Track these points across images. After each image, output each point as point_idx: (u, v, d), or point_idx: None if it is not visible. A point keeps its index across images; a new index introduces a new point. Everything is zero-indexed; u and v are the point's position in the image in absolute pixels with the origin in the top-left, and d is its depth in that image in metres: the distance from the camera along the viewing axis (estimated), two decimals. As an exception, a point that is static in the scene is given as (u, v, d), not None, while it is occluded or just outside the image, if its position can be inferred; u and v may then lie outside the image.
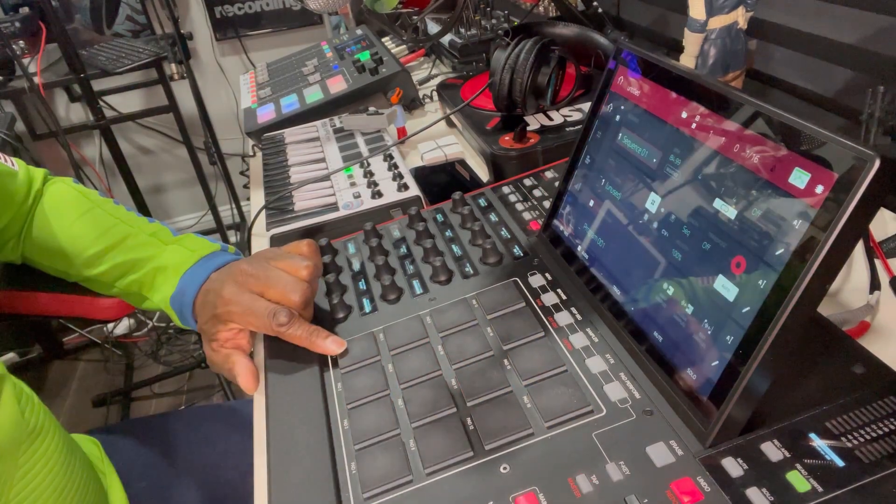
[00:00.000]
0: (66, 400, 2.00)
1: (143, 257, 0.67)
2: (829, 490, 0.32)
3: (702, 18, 0.69)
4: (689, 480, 0.35)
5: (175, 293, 0.63)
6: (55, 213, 0.72)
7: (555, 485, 0.37)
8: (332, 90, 1.05)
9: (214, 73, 2.50)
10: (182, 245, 0.67)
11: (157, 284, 0.66)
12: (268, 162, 0.91)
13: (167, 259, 0.65)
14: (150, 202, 2.26)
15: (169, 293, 0.63)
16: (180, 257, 0.64)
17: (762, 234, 0.35)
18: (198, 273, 0.62)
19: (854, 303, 0.52)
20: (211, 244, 0.66)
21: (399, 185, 0.76)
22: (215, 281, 0.58)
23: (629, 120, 0.49)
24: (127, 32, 2.32)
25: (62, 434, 0.56)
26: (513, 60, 0.79)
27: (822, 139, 0.33)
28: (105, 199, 0.74)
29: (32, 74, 1.68)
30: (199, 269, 0.62)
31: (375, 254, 0.60)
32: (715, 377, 0.36)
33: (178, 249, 0.66)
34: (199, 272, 0.62)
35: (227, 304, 0.53)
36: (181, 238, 0.69)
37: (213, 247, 0.66)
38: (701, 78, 0.42)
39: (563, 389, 0.42)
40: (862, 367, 0.39)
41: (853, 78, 0.67)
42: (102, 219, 0.70)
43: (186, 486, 0.69)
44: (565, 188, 0.55)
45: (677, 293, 0.41)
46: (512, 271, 0.55)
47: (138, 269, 0.67)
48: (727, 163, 0.38)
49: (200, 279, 0.61)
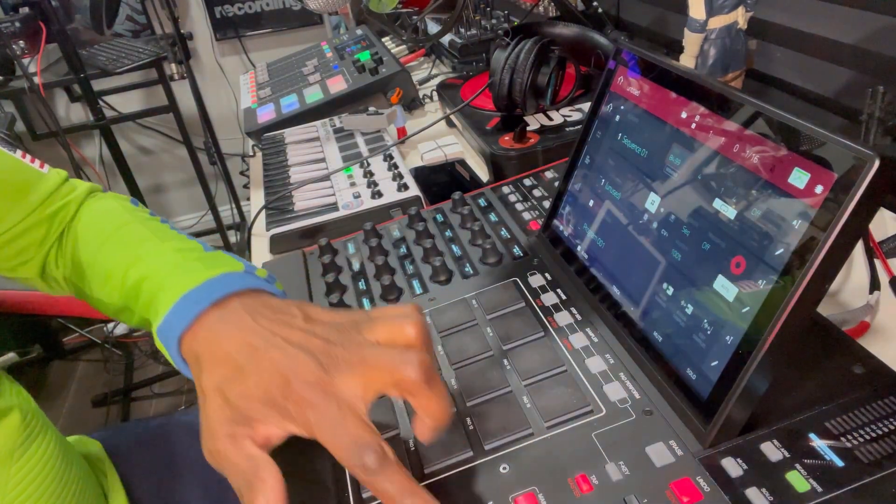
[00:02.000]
0: (66, 400, 2.00)
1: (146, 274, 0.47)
2: (829, 490, 0.32)
3: (702, 18, 0.69)
4: (689, 480, 0.35)
5: (163, 324, 0.41)
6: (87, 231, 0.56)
7: (554, 485, 0.37)
8: (332, 90, 1.05)
9: (214, 73, 2.50)
10: (187, 254, 0.47)
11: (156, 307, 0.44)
12: (268, 162, 0.91)
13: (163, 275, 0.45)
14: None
15: (157, 320, 0.42)
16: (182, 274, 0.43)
17: (762, 235, 0.35)
18: (204, 297, 0.40)
19: (854, 303, 0.52)
20: (231, 260, 0.46)
21: (399, 185, 0.76)
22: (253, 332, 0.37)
23: (629, 120, 0.49)
24: (127, 32, 2.33)
25: (57, 438, 0.56)
26: (513, 60, 0.79)
27: (821, 139, 0.33)
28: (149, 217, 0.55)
29: (32, 74, 1.68)
30: (206, 291, 0.41)
31: (375, 254, 0.60)
32: (714, 377, 0.36)
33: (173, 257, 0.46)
34: (202, 297, 0.40)
35: (289, 396, 0.33)
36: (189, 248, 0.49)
37: (234, 264, 0.45)
38: (701, 78, 0.42)
39: (562, 389, 0.42)
40: (861, 367, 0.39)
41: (853, 78, 0.67)
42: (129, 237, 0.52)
43: (188, 487, 0.69)
44: (565, 188, 0.56)
45: (677, 293, 0.41)
46: (512, 271, 0.55)
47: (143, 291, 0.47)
48: (727, 163, 0.39)
49: (200, 306, 0.39)
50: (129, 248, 0.50)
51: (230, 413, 0.34)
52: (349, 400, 0.33)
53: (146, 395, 2.00)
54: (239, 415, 0.34)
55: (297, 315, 0.38)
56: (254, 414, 0.34)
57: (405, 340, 0.36)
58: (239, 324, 0.38)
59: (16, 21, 1.67)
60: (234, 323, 0.38)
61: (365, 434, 0.32)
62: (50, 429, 0.55)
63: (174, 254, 0.47)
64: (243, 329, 0.37)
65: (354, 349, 0.35)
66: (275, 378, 0.34)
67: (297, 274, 0.62)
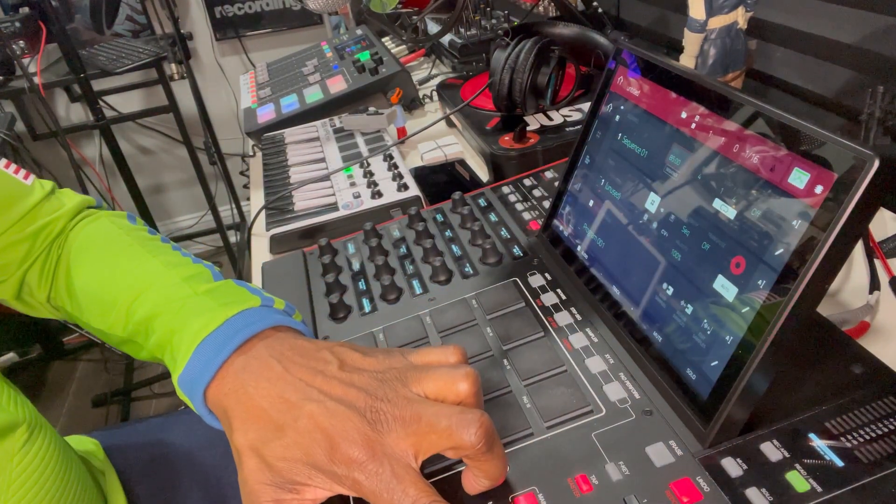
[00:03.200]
0: (66, 400, 2.00)
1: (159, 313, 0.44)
2: (829, 490, 0.32)
3: (702, 18, 0.69)
4: (689, 480, 0.35)
5: (183, 374, 0.38)
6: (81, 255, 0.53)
7: (554, 485, 0.37)
8: (332, 90, 1.05)
9: (214, 73, 2.50)
10: (190, 282, 0.44)
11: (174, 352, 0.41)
12: (268, 162, 0.91)
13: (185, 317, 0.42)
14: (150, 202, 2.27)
15: (176, 369, 0.40)
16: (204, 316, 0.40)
17: (762, 234, 0.35)
18: (225, 342, 0.38)
19: (854, 303, 0.52)
20: (249, 294, 0.42)
21: (399, 185, 0.76)
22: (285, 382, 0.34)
23: (629, 120, 0.49)
24: (127, 32, 2.33)
25: (56, 438, 0.55)
26: (513, 60, 0.79)
27: (821, 139, 0.33)
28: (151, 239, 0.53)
29: (32, 74, 1.68)
30: (226, 335, 0.38)
31: (375, 254, 0.60)
32: (714, 377, 0.36)
33: (183, 289, 0.44)
34: (226, 341, 0.38)
35: (335, 458, 0.31)
36: (218, 286, 0.44)
37: (250, 298, 0.41)
38: (701, 78, 0.42)
39: (562, 389, 0.42)
40: (861, 367, 0.39)
41: (853, 78, 0.67)
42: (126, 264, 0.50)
43: (188, 487, 0.69)
44: (565, 188, 0.56)
45: (677, 293, 0.41)
46: (512, 271, 0.55)
47: (156, 329, 0.44)
48: (727, 163, 0.39)
49: (222, 355, 0.37)
50: (132, 277, 0.47)
51: (271, 476, 0.32)
52: (403, 460, 0.31)
53: (146, 395, 2.00)
54: (281, 479, 0.31)
55: (332, 361, 0.35)
56: (298, 478, 0.31)
57: (456, 398, 0.33)
58: (268, 374, 0.35)
59: (16, 21, 1.67)
60: (263, 373, 0.35)
61: (424, 497, 0.30)
62: (48, 430, 0.54)
63: (183, 285, 0.44)
64: (273, 380, 0.34)
65: (404, 405, 0.32)
66: (317, 437, 0.31)
67: (297, 274, 0.62)
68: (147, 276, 0.46)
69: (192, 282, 0.44)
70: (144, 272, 0.47)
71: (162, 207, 2.72)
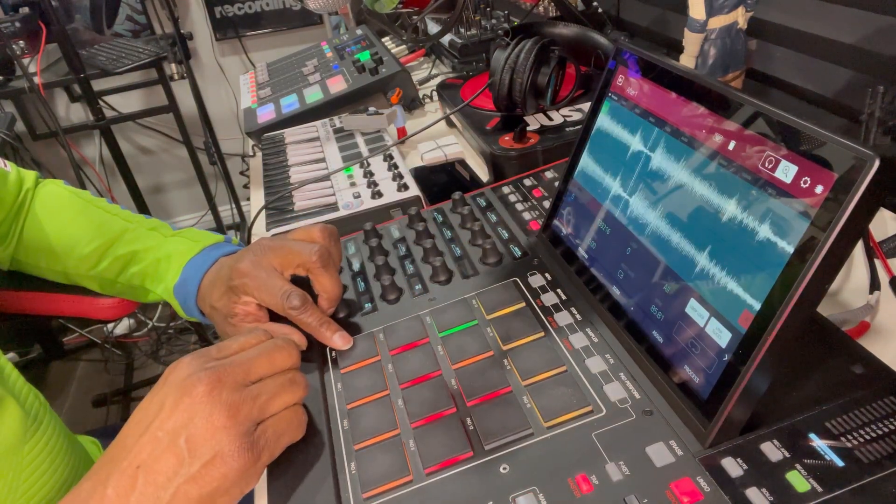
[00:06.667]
0: (66, 400, 2.00)
1: (145, 248, 0.67)
2: (829, 490, 0.32)
3: (702, 18, 0.69)
4: (689, 480, 0.35)
5: (179, 282, 0.63)
6: (49, 214, 0.72)
7: (554, 485, 0.37)
8: (332, 90, 1.05)
9: (214, 73, 2.50)
10: (184, 236, 0.67)
11: (161, 274, 0.66)
12: (268, 162, 0.91)
13: (170, 248, 0.66)
14: (150, 202, 2.27)
15: (173, 282, 0.64)
16: (184, 247, 0.65)
17: (762, 234, 0.35)
18: (202, 261, 0.62)
19: (854, 303, 0.52)
20: (214, 235, 0.67)
21: (399, 185, 0.76)
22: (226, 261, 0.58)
23: (629, 120, 0.48)
24: (127, 32, 2.33)
25: (61, 427, 0.56)
26: (513, 60, 0.79)
27: (821, 139, 0.33)
28: (99, 198, 0.75)
29: (32, 74, 1.68)
30: (204, 257, 0.62)
31: (375, 254, 0.60)
32: (714, 377, 0.36)
33: (181, 240, 0.66)
34: (204, 260, 0.62)
35: (242, 276, 0.52)
36: (183, 231, 0.69)
37: (216, 238, 0.66)
38: (701, 78, 0.42)
39: (562, 389, 0.42)
40: (861, 367, 0.39)
41: (853, 78, 0.67)
42: (99, 216, 0.71)
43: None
44: (565, 188, 0.56)
45: (677, 293, 0.41)
46: (512, 271, 0.55)
47: (140, 261, 0.67)
48: (727, 163, 0.39)
49: (205, 266, 0.61)
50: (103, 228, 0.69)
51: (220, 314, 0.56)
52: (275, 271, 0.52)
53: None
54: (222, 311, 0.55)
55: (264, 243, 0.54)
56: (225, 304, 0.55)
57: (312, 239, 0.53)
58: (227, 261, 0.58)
59: (16, 21, 1.67)
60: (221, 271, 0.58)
61: (287, 286, 0.51)
62: (55, 417, 0.55)
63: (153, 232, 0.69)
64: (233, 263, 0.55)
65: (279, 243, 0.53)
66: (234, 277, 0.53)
67: (297, 274, 0.62)
68: (119, 226, 0.70)
69: (158, 230, 0.69)
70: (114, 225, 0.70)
71: (162, 207, 2.72)
